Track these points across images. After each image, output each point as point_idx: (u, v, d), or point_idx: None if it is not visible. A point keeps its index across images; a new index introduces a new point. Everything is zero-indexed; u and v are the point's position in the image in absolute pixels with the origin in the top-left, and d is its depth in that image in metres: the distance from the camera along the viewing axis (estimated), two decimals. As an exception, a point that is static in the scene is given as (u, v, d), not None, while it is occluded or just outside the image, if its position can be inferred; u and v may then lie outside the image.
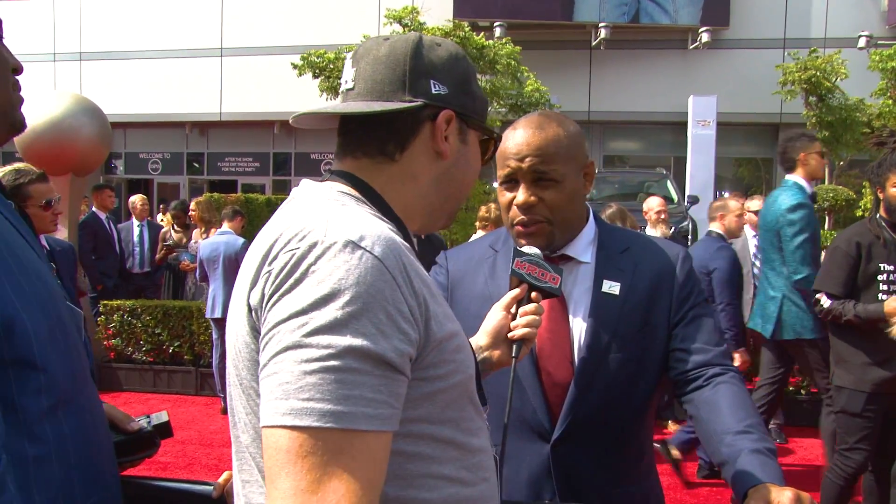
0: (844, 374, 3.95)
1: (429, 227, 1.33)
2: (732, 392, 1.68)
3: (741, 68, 18.70)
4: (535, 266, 1.63)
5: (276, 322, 0.98)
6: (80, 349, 1.42)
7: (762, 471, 1.47)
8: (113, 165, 22.91)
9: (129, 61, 21.19)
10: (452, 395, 1.12)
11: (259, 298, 1.04)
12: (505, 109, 15.21)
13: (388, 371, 0.98)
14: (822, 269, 4.08)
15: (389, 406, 0.98)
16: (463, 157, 1.29)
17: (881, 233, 3.88)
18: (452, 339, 1.12)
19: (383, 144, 1.21)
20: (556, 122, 1.81)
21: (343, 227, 1.03)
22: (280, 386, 0.95)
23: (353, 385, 0.94)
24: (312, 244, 1.00)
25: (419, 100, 1.20)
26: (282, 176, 22.30)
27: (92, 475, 1.35)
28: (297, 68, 15.35)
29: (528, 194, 1.77)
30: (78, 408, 1.34)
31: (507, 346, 1.57)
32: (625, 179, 14.88)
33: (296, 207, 1.15)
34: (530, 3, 18.64)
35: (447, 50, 1.27)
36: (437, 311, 1.10)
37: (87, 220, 8.87)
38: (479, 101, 1.31)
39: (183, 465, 5.58)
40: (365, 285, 0.98)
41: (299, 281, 0.99)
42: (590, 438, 1.77)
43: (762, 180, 20.66)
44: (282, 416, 0.93)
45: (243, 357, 1.09)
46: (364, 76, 1.23)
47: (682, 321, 1.80)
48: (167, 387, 7.87)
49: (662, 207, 6.56)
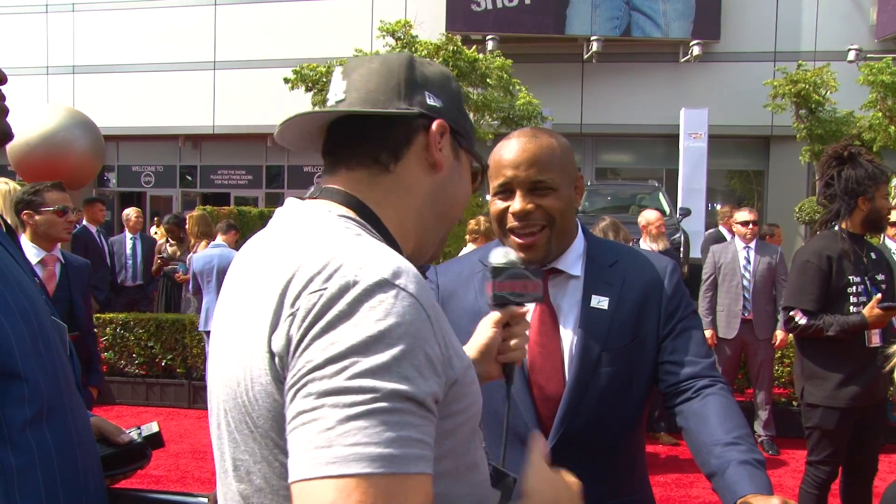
0: (816, 391, 3.94)
1: (420, 254, 1.26)
2: (721, 404, 1.70)
3: (732, 81, 18.80)
4: (514, 280, 1.53)
5: (309, 369, 0.91)
6: (65, 361, 1.42)
7: (750, 482, 1.48)
8: (106, 178, 22.88)
9: (122, 74, 21.19)
10: (468, 428, 1.09)
11: (285, 344, 0.95)
12: (497, 122, 15.24)
13: (428, 414, 0.93)
14: (794, 285, 4.00)
15: (430, 449, 0.92)
16: (456, 172, 1.26)
17: (846, 245, 3.89)
18: (468, 372, 1.08)
19: (377, 154, 1.17)
20: (547, 134, 1.82)
21: (374, 263, 0.97)
22: (321, 434, 0.87)
23: (400, 426, 0.88)
24: (344, 285, 0.94)
25: (415, 108, 1.18)
26: (275, 189, 22.28)
27: (77, 486, 1.35)
28: (290, 82, 15.36)
29: (525, 202, 1.77)
30: (62, 418, 1.34)
31: (497, 363, 1.54)
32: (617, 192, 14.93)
33: (300, 235, 1.08)
34: (522, 17, 18.72)
35: (439, 68, 1.27)
36: (455, 343, 1.07)
37: (78, 233, 8.86)
38: (471, 125, 1.30)
39: (176, 479, 5.56)
40: (405, 326, 0.92)
41: (333, 325, 0.92)
42: (581, 452, 1.77)
43: (754, 192, 20.73)
44: (325, 465, 0.85)
45: (261, 406, 0.99)
46: (357, 86, 1.20)
47: (670, 334, 1.82)
48: (160, 400, 7.84)
49: (661, 221, 6.61)
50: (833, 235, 3.95)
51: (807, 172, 18.05)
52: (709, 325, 6.42)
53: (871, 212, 3.89)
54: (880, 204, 3.88)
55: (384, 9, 18.27)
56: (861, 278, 3.87)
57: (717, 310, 6.43)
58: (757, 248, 6.38)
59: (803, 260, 3.96)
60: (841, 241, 3.89)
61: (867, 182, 3.88)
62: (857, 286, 3.86)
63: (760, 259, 6.30)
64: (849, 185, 3.90)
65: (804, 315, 3.90)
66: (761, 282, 6.24)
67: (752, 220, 6.36)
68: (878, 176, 3.86)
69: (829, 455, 3.97)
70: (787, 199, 17.40)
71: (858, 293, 3.85)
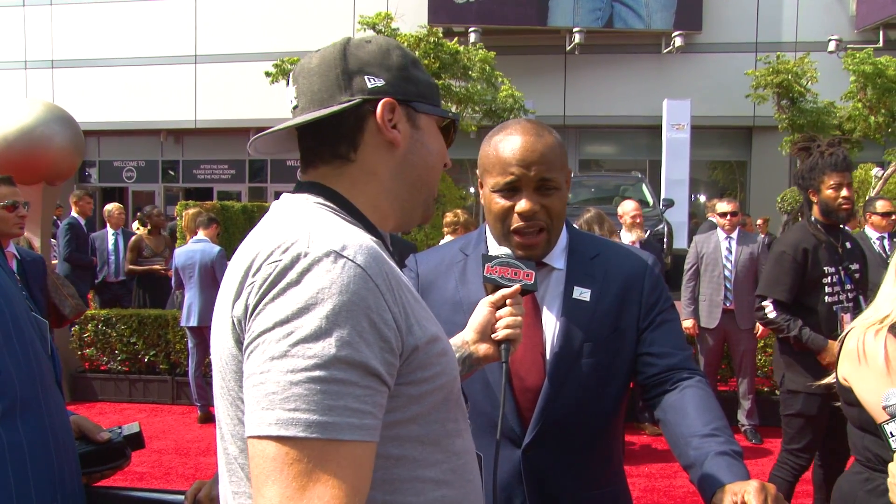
0: (797, 378, 3.98)
1: (406, 223, 1.32)
2: (699, 396, 1.70)
3: (714, 72, 18.89)
4: (506, 267, 1.61)
5: (260, 332, 0.99)
6: (43, 357, 1.41)
7: (729, 472, 1.49)
8: (87, 174, 22.72)
9: (101, 69, 21.04)
10: (438, 397, 1.14)
11: (243, 310, 1.04)
12: (479, 115, 15.24)
13: (373, 381, 1.00)
14: (769, 275, 4.06)
15: (373, 417, 0.99)
16: (418, 141, 1.28)
17: (820, 236, 3.92)
18: (437, 343, 1.13)
19: (335, 148, 1.23)
20: (547, 130, 1.81)
21: (325, 237, 1.04)
22: (266, 396, 0.96)
23: (338, 395, 0.96)
24: (296, 255, 1.01)
25: (357, 97, 1.22)
26: (258, 183, 22.23)
27: (51, 482, 1.34)
28: (271, 76, 15.29)
29: (532, 202, 1.76)
30: (36, 414, 1.33)
31: (494, 343, 1.56)
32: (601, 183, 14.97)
33: (275, 220, 1.16)
34: (504, 9, 18.72)
35: (377, 44, 1.28)
36: (420, 314, 1.12)
37: (71, 222, 8.84)
38: (425, 85, 1.31)
39: (159, 475, 5.54)
40: (348, 294, 0.99)
41: (283, 291, 1.00)
42: (560, 443, 1.78)
43: (737, 183, 20.85)
44: (268, 426, 0.95)
45: (230, 368, 1.09)
46: (303, 91, 1.25)
47: (650, 326, 1.83)
48: (143, 396, 7.80)
49: (637, 212, 6.61)
50: (807, 227, 3.99)
51: (788, 163, 18.17)
52: (691, 315, 6.44)
53: (820, 203, 3.92)
54: (826, 195, 3.87)
55: (365, 1, 18.21)
56: (836, 268, 3.90)
57: (700, 299, 6.46)
58: (739, 238, 6.41)
59: (779, 251, 4.01)
60: (816, 232, 3.93)
61: (809, 175, 3.92)
62: (832, 276, 3.90)
63: (742, 249, 6.33)
64: (797, 179, 3.98)
65: (775, 308, 3.96)
66: (743, 272, 6.28)
67: (731, 210, 6.39)
68: (824, 167, 3.86)
69: (809, 442, 4.01)
70: (770, 190, 17.52)
71: (833, 283, 3.89)
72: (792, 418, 4.05)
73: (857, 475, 2.30)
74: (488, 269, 1.61)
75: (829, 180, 3.84)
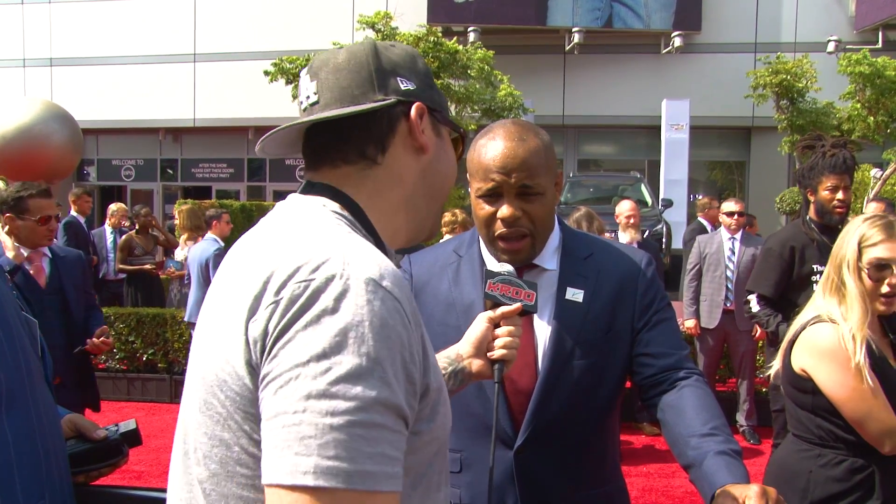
0: None
1: (416, 237, 1.28)
2: (697, 395, 1.70)
3: (713, 72, 18.87)
4: (508, 285, 1.59)
5: (293, 364, 0.91)
6: (32, 355, 1.41)
7: (728, 472, 1.48)
8: (85, 172, 22.68)
9: (100, 67, 20.98)
10: (433, 449, 1.09)
11: (262, 331, 0.95)
12: (478, 114, 15.22)
13: (402, 425, 0.95)
14: (756, 271, 4.21)
15: (401, 464, 0.94)
16: (441, 149, 1.26)
17: (813, 235, 3.94)
18: (442, 392, 1.09)
19: (363, 148, 1.17)
20: (533, 133, 1.78)
21: (362, 261, 0.98)
22: (302, 441, 0.88)
23: (376, 442, 0.90)
24: (329, 276, 0.94)
25: (392, 97, 1.17)
26: (256, 182, 22.19)
27: (38, 478, 1.33)
28: (270, 75, 15.26)
29: (514, 208, 1.74)
30: (23, 409, 1.33)
31: (488, 361, 1.54)
32: (599, 183, 15.00)
33: (291, 227, 1.09)
34: (504, 8, 18.70)
35: (404, 49, 1.25)
36: (433, 360, 1.07)
37: (70, 220, 8.81)
38: (441, 96, 1.30)
39: (157, 474, 5.53)
40: (387, 329, 0.93)
41: (318, 319, 0.92)
42: (553, 444, 1.77)
43: (735, 183, 20.84)
44: (303, 475, 0.87)
45: (228, 388, 1.00)
46: (328, 86, 1.18)
47: (645, 326, 1.82)
48: (141, 395, 7.79)
49: (633, 212, 6.60)
50: (800, 225, 4.05)
51: (787, 163, 18.17)
52: (692, 315, 6.44)
53: (816, 203, 3.94)
54: (822, 196, 3.90)
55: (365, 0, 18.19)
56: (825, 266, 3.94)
57: (700, 299, 6.46)
58: (742, 239, 6.40)
59: (767, 247, 4.13)
60: (808, 231, 3.96)
61: (808, 174, 3.94)
62: (820, 274, 3.92)
63: (745, 250, 6.32)
64: (798, 177, 4.04)
65: (758, 302, 4.04)
66: (745, 273, 6.25)
67: (737, 210, 6.38)
68: (823, 168, 3.87)
69: None
70: (769, 190, 17.52)
71: None
72: (780, 414, 4.06)
73: (804, 452, 2.43)
74: (490, 286, 1.58)
75: (827, 181, 3.85)
